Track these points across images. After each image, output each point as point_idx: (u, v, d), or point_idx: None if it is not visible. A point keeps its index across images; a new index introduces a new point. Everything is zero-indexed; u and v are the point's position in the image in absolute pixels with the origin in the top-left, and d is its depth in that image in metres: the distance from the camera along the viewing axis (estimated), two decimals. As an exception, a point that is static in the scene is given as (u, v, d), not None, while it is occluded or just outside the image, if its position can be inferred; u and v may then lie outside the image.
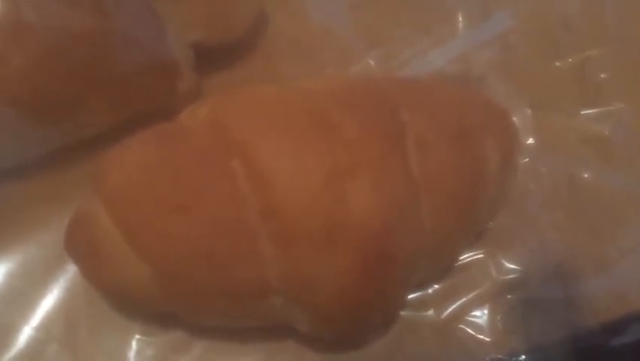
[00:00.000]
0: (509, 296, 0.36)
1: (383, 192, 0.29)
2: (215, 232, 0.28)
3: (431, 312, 0.36)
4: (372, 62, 0.41)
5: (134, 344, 0.34)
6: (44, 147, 0.35)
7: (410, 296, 0.35)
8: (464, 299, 0.36)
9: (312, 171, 0.28)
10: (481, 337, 0.35)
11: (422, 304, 0.36)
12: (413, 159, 0.30)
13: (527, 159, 0.40)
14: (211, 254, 0.28)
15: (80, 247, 0.31)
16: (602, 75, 0.42)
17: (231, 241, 0.28)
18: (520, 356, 0.35)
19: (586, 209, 0.39)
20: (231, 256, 0.28)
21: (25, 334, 0.34)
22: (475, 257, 0.37)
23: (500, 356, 0.35)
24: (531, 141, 0.40)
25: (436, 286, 0.36)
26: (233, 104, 0.32)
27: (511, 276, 0.36)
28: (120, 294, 0.31)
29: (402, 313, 0.35)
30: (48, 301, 0.34)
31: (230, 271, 0.29)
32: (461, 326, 0.35)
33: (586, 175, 0.40)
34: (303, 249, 0.28)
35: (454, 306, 0.36)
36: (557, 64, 0.42)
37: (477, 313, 0.35)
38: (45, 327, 0.34)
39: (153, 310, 0.32)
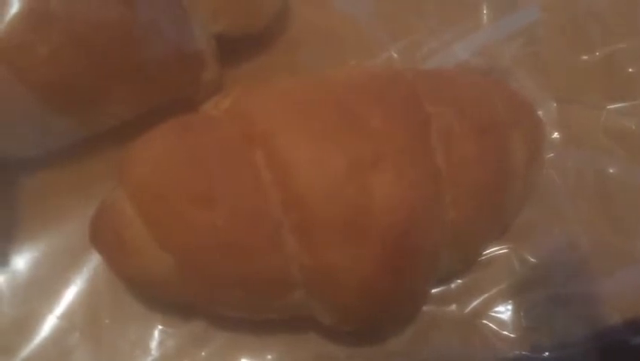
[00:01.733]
0: (533, 292, 0.35)
1: (407, 183, 0.29)
2: (237, 223, 0.28)
3: (453, 307, 0.35)
4: (395, 55, 0.41)
5: (156, 334, 0.34)
6: (68, 136, 0.35)
7: (433, 291, 0.35)
8: (487, 295, 0.35)
9: (334, 162, 0.28)
10: (505, 333, 0.35)
11: (445, 299, 0.35)
12: (438, 151, 0.30)
13: (553, 154, 0.39)
14: (232, 245, 0.28)
15: (105, 237, 0.31)
16: (630, 69, 0.41)
17: (253, 232, 0.28)
18: (544, 352, 0.34)
19: (612, 204, 0.38)
20: (253, 247, 0.28)
21: (49, 322, 0.34)
22: (499, 252, 0.36)
23: (523, 353, 0.34)
24: (556, 135, 0.40)
25: (459, 281, 0.36)
26: (256, 95, 0.32)
27: (535, 271, 0.36)
28: (143, 284, 0.32)
29: (425, 307, 0.34)
30: (72, 291, 0.35)
31: (252, 262, 0.29)
32: (485, 321, 0.35)
33: (612, 170, 0.39)
34: (325, 240, 0.28)
35: (477, 301, 0.35)
36: (584, 57, 0.42)
37: (501, 308, 0.35)
38: (68, 316, 0.34)
39: (176, 301, 0.32)
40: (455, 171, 0.30)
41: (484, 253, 0.36)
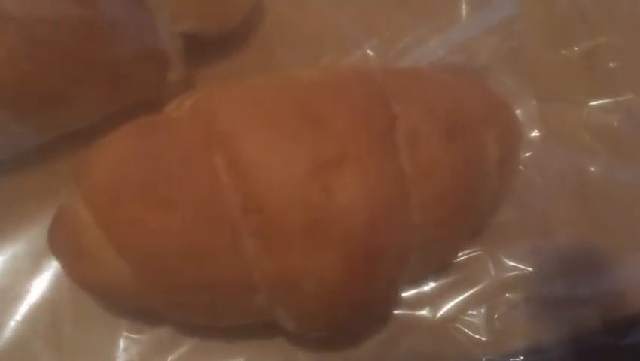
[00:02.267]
0: (507, 295, 0.35)
1: (369, 185, 0.28)
2: (195, 228, 0.27)
3: (426, 311, 0.34)
4: (370, 52, 0.40)
5: (121, 342, 0.33)
6: (31, 140, 0.35)
7: (405, 294, 0.34)
8: (460, 298, 0.35)
9: (295, 164, 0.27)
10: (477, 337, 0.34)
11: (417, 302, 0.34)
12: (403, 152, 0.29)
13: (532, 152, 0.38)
14: (191, 251, 0.27)
15: (62, 243, 0.30)
16: (612, 64, 0.40)
17: (212, 237, 0.27)
18: (518, 356, 0.33)
19: (594, 203, 0.38)
20: (212, 252, 0.28)
21: (10, 329, 0.33)
22: (473, 254, 0.35)
23: (497, 357, 0.33)
24: (536, 133, 0.39)
25: (432, 283, 0.35)
26: (218, 94, 0.31)
27: (511, 274, 0.35)
28: (102, 292, 0.31)
29: (396, 311, 0.34)
30: (33, 297, 0.34)
31: (211, 268, 0.28)
32: (458, 325, 0.34)
33: (593, 168, 0.38)
34: (286, 245, 0.27)
35: (450, 305, 0.35)
36: (564, 52, 0.41)
37: (474, 312, 0.34)
38: (30, 323, 0.33)
39: (137, 308, 0.32)
40: (422, 172, 0.29)
41: (458, 255, 0.35)
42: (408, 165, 0.29)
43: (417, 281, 0.34)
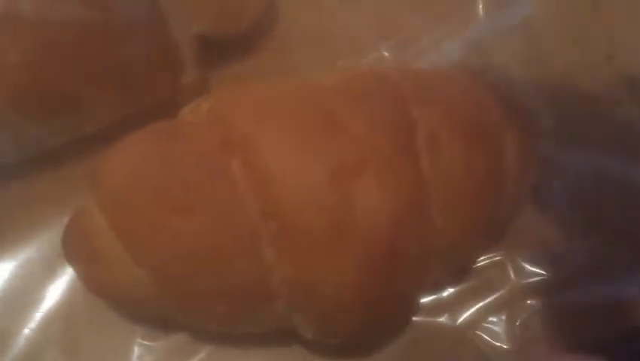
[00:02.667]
0: (529, 301, 0.34)
1: (390, 190, 0.27)
2: (213, 234, 0.27)
3: (445, 317, 0.34)
4: (386, 53, 0.40)
5: (136, 349, 0.33)
6: (44, 143, 0.34)
7: (424, 300, 0.34)
8: (480, 304, 0.34)
9: (315, 170, 0.27)
10: (498, 344, 0.33)
11: (437, 308, 0.34)
12: (424, 157, 0.29)
13: (549, 156, 0.37)
14: (208, 257, 0.27)
15: (77, 249, 0.30)
16: (631, 63, 0.39)
17: (230, 242, 0.27)
18: (540, 364, 0.33)
19: (615, 206, 0.37)
20: (230, 258, 0.27)
21: (24, 337, 0.33)
22: (493, 259, 0.35)
23: (518, 365, 0.33)
24: (553, 135, 0.38)
25: (451, 290, 0.34)
26: (235, 98, 0.30)
27: (532, 279, 0.34)
28: (117, 298, 0.30)
29: (415, 318, 0.33)
30: (47, 304, 0.33)
31: (230, 274, 0.27)
32: (478, 332, 0.33)
33: (613, 170, 0.37)
34: (306, 251, 0.27)
35: (470, 311, 0.34)
36: (583, 52, 0.40)
37: (494, 319, 0.34)
38: (44, 330, 0.33)
39: (153, 315, 0.31)
40: (442, 176, 0.29)
41: (478, 260, 0.34)
42: (428, 170, 0.29)
43: (437, 287, 0.33)
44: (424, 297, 0.34)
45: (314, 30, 0.41)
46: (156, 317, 0.31)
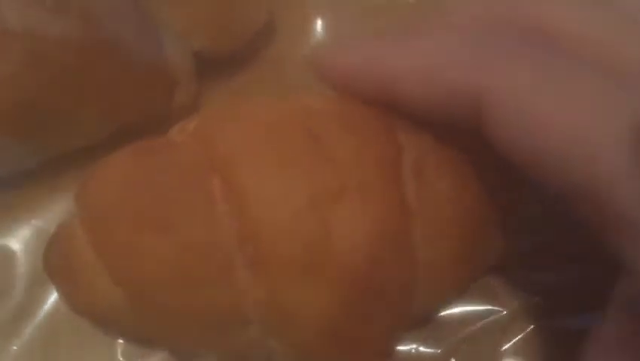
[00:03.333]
0: (521, 327, 0.33)
1: (370, 219, 0.27)
2: (189, 256, 0.26)
3: (429, 344, 0.33)
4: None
5: (115, 367, 0.33)
6: (31, 159, 0.34)
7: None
8: (467, 329, 0.33)
9: (294, 194, 0.26)
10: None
11: (420, 336, 0.33)
12: (409, 185, 0.28)
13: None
14: (183, 279, 0.27)
15: (57, 267, 0.30)
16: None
17: (205, 265, 0.27)
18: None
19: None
20: (205, 281, 0.27)
21: (7, 354, 0.33)
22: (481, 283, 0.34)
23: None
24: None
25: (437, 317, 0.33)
26: (221, 119, 0.30)
27: (526, 305, 0.34)
28: (96, 319, 0.30)
29: (398, 348, 0.32)
30: (29, 320, 0.33)
31: (203, 296, 0.27)
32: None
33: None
34: (281, 278, 0.26)
35: (457, 337, 0.33)
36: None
37: (482, 343, 0.33)
38: (25, 346, 0.33)
39: (130, 334, 0.31)
40: (427, 205, 0.28)
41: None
42: (412, 199, 0.28)
43: (421, 317, 0.33)
44: (408, 330, 0.33)
45: (309, 49, 0.41)
46: (132, 338, 0.31)
